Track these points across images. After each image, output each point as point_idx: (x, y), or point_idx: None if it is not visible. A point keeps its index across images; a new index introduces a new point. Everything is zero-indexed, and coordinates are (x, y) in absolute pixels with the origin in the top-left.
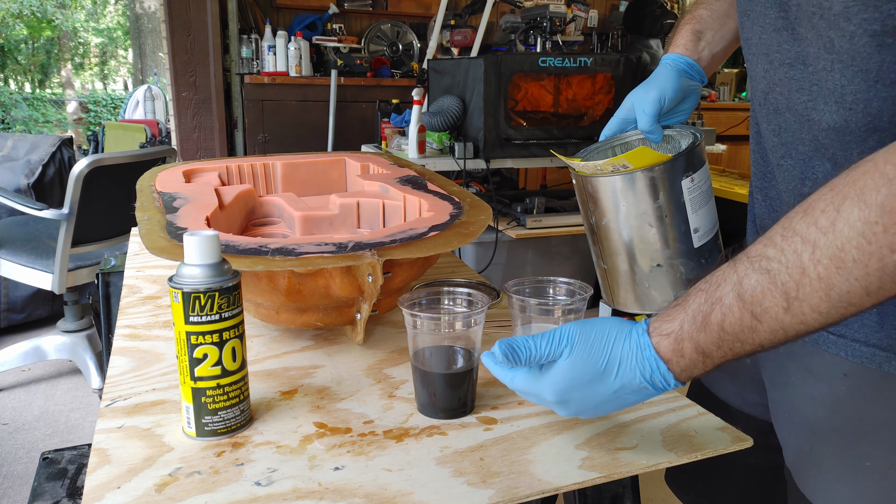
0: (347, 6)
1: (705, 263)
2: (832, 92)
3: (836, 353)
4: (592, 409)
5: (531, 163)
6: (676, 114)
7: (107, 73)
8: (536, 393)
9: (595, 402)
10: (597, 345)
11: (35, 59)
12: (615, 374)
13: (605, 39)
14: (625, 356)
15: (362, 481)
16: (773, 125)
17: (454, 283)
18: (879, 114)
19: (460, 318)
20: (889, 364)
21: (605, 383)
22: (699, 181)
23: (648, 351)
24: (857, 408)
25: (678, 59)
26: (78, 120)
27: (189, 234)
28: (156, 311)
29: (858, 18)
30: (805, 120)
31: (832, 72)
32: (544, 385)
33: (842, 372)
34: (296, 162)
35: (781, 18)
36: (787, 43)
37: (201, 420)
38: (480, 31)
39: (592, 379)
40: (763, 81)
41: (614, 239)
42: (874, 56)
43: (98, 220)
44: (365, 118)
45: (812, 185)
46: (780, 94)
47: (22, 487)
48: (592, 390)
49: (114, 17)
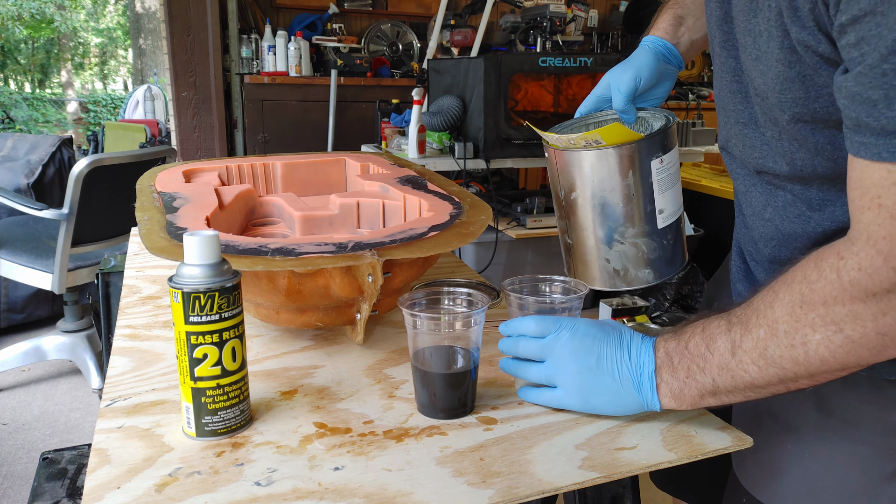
0: (347, 6)
1: (667, 245)
2: (782, 154)
3: None
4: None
5: (531, 163)
6: (652, 97)
7: (107, 73)
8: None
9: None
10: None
11: (35, 59)
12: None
13: (605, 39)
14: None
15: (362, 481)
16: (734, 166)
17: (454, 283)
18: (828, 173)
19: (460, 318)
20: None
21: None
22: (668, 163)
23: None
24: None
25: (657, 42)
26: (78, 120)
27: (189, 234)
28: (156, 311)
29: (790, 111)
30: (761, 168)
31: (780, 140)
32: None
33: None
34: (296, 162)
35: (736, 82)
36: (741, 104)
37: (201, 420)
38: (480, 31)
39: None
40: (723, 131)
41: (581, 214)
42: (810, 137)
43: (98, 220)
44: (365, 118)
45: (773, 212)
46: (734, 146)
47: (22, 487)
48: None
49: (114, 16)
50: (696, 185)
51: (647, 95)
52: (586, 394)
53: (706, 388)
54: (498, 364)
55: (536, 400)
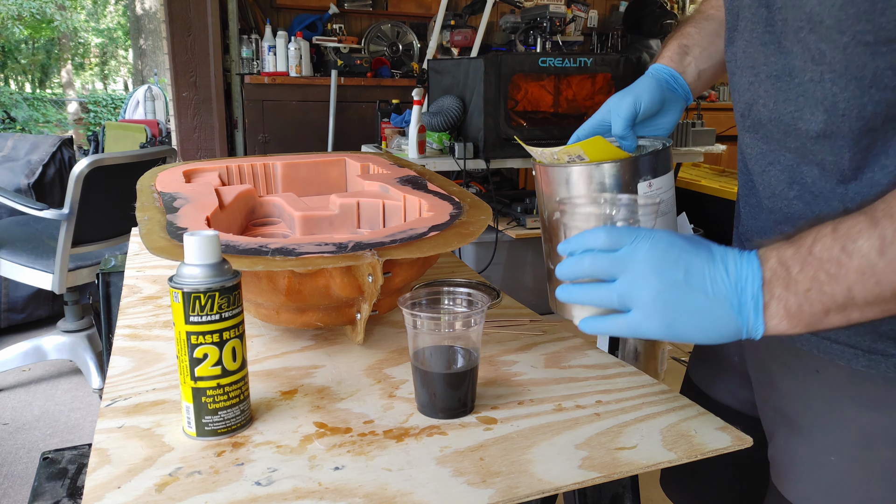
0: (347, 6)
1: None
2: (821, 101)
3: (808, 350)
4: (657, 287)
5: (531, 163)
6: (657, 127)
7: (107, 74)
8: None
9: (664, 278)
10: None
11: (35, 59)
12: (693, 252)
13: (605, 39)
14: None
15: (362, 481)
16: (758, 136)
17: (454, 283)
18: (874, 116)
19: (460, 318)
20: (856, 361)
21: (680, 258)
22: (658, 188)
23: (727, 247)
24: (825, 403)
25: (660, 69)
26: (78, 120)
27: (189, 234)
28: (156, 311)
29: (852, 31)
30: (791, 130)
31: (821, 82)
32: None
33: (814, 369)
34: (296, 162)
35: (768, 33)
36: (774, 55)
37: (201, 420)
38: (480, 32)
39: (668, 255)
40: (747, 94)
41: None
42: (868, 64)
43: (98, 220)
44: (365, 118)
45: (799, 190)
46: (763, 105)
47: (22, 487)
48: (667, 263)
49: (114, 17)
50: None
51: (652, 124)
52: (671, 316)
53: (836, 300)
54: (497, 363)
55: (606, 329)
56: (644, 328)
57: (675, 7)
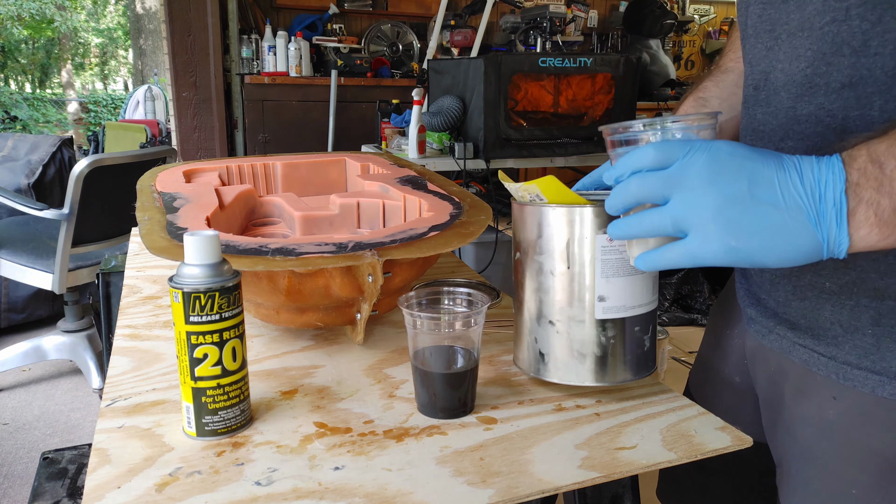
0: (347, 6)
1: (605, 343)
2: (847, 42)
3: (826, 374)
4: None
5: (531, 163)
6: None
7: (107, 74)
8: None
9: (724, 192)
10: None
11: (35, 59)
12: (759, 161)
13: (605, 39)
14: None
15: (362, 481)
16: (770, 109)
17: (454, 283)
18: None
19: (460, 318)
20: (882, 388)
21: (742, 168)
22: (621, 246)
23: (804, 157)
24: (845, 432)
25: None
26: (78, 120)
27: (189, 234)
28: (156, 311)
29: None
30: (808, 90)
31: (846, 20)
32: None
33: (831, 395)
34: (296, 162)
35: None
36: (794, 12)
37: (201, 420)
38: (480, 32)
39: (728, 165)
40: (764, 62)
41: (520, 278)
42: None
43: (98, 220)
44: (365, 118)
45: None
46: (781, 70)
47: (22, 487)
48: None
49: (114, 17)
50: None
51: None
52: (733, 235)
53: None
54: (497, 363)
55: (661, 262)
56: (704, 254)
57: (674, 7)
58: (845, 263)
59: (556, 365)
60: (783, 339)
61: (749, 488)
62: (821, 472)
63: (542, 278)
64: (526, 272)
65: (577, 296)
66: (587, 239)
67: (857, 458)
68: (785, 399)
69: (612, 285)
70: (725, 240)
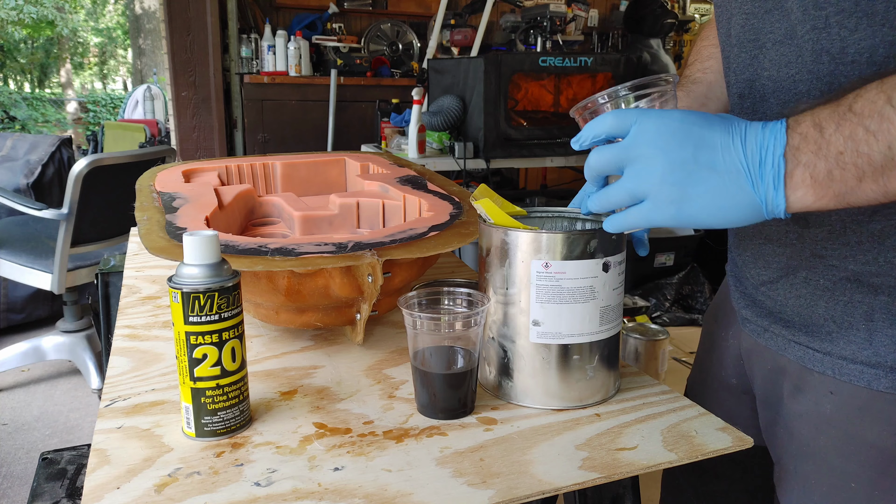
0: (347, 6)
1: (542, 363)
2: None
3: (822, 371)
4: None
5: (531, 163)
6: None
7: (106, 73)
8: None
9: (672, 157)
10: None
11: (34, 59)
12: (707, 127)
13: (606, 39)
14: (724, 124)
15: (362, 482)
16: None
17: (454, 283)
18: (885, 61)
19: (460, 319)
20: (878, 381)
21: (690, 134)
22: (558, 274)
23: (753, 122)
24: (843, 427)
25: None
26: (77, 120)
27: (188, 234)
28: (155, 312)
29: None
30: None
31: (826, 28)
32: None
33: (828, 390)
34: (295, 162)
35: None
36: (778, 21)
37: (201, 420)
38: (480, 31)
39: (677, 131)
40: (748, 71)
41: None
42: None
43: (97, 219)
44: (365, 118)
45: None
46: (768, 77)
47: (22, 488)
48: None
49: (113, 16)
50: None
51: None
52: (679, 198)
53: (873, 162)
54: None
55: (622, 225)
56: (656, 217)
57: (675, 6)
58: (839, 262)
59: (494, 382)
60: (778, 338)
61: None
62: (819, 468)
63: (490, 293)
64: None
65: (512, 315)
66: (523, 262)
67: (855, 453)
68: (782, 397)
69: (547, 312)
70: (672, 203)
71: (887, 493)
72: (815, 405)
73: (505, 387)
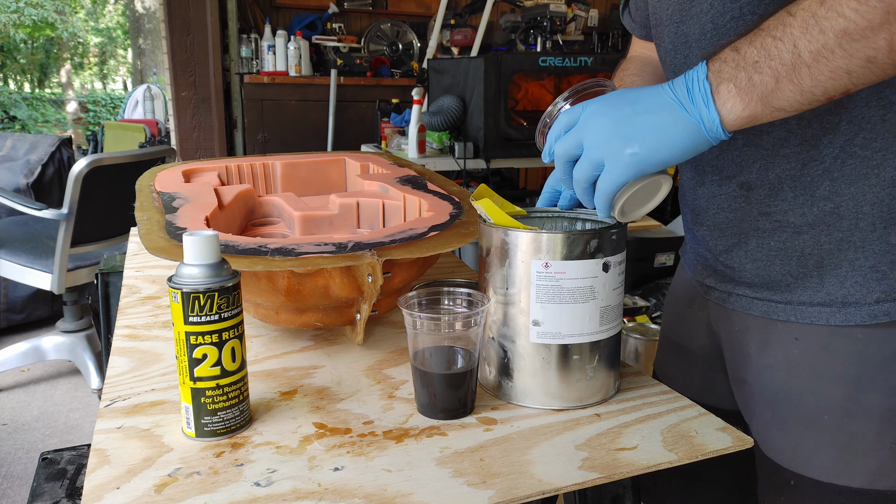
0: (347, 6)
1: (542, 363)
2: (707, 11)
3: (786, 319)
4: (610, 131)
5: (531, 163)
6: None
7: (106, 73)
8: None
9: (614, 117)
10: None
11: (34, 59)
12: (641, 90)
13: (606, 39)
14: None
15: (362, 482)
16: None
17: (454, 283)
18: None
19: (460, 319)
20: (833, 317)
21: (625, 97)
22: (558, 274)
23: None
24: (810, 367)
25: None
26: (77, 120)
27: (188, 234)
28: (155, 312)
29: None
30: (696, 58)
31: (741, 17)
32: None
33: (793, 336)
34: (295, 162)
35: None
36: (707, 23)
37: (201, 420)
38: (480, 31)
39: (615, 100)
40: (683, 68)
41: None
42: None
43: (97, 219)
44: (365, 118)
45: None
46: (687, 45)
47: (21, 488)
48: (613, 105)
49: (113, 16)
50: None
51: None
52: (629, 145)
53: (784, 62)
54: None
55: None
56: (618, 171)
57: None
58: (782, 217)
59: (494, 382)
60: (743, 298)
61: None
62: (794, 410)
63: (490, 293)
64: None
65: (512, 315)
66: (523, 262)
67: (824, 387)
68: (750, 355)
69: (547, 312)
70: (625, 151)
71: (855, 418)
72: (783, 353)
73: (505, 387)
